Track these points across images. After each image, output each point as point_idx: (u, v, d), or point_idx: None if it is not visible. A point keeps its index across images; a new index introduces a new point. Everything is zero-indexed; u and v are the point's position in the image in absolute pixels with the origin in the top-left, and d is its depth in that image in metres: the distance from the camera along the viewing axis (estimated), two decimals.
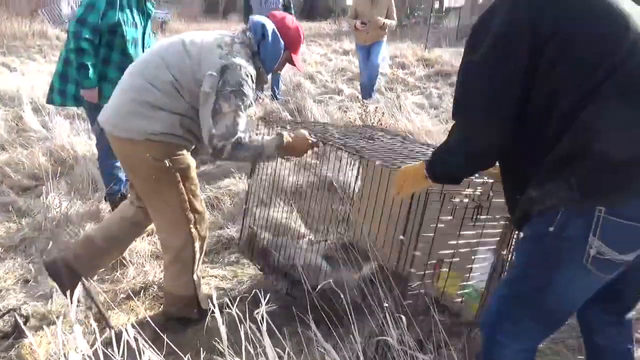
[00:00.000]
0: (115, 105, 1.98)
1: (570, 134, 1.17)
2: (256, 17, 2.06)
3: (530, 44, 1.18)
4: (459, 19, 16.46)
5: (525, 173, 1.30)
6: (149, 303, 2.33)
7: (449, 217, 1.97)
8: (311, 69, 8.70)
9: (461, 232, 2.02)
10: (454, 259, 2.09)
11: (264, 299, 1.33)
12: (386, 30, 5.94)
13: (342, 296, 1.68)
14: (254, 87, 1.97)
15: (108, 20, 2.57)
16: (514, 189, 1.38)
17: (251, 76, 1.92)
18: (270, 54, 2.03)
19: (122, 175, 2.94)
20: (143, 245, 2.70)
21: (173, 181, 1.96)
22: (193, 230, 2.05)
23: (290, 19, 2.10)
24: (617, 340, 1.50)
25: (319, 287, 1.90)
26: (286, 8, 6.01)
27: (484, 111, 1.26)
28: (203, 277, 2.54)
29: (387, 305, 1.65)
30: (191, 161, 2.04)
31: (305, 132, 2.12)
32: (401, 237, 1.84)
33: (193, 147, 2.10)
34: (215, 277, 2.59)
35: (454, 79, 7.04)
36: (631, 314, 1.52)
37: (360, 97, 6.27)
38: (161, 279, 2.39)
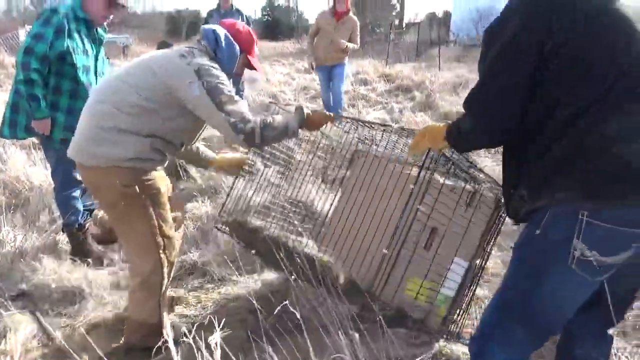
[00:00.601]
0: (80, 134, 1.98)
1: (561, 142, 1.24)
2: (206, 26, 2.12)
3: (538, 53, 1.24)
4: (418, 34, 16.90)
5: (518, 170, 1.38)
6: (110, 335, 2.26)
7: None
8: (274, 89, 8.75)
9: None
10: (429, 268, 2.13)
11: (225, 323, 1.32)
12: (347, 53, 5.83)
13: (299, 316, 1.67)
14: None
15: (57, 48, 2.53)
16: (508, 181, 1.45)
17: (219, 68, 1.98)
18: (227, 57, 2.07)
19: (79, 205, 2.88)
20: (103, 276, 2.64)
21: (143, 207, 1.95)
22: (162, 255, 2.04)
23: (240, 24, 2.17)
24: (592, 353, 1.52)
25: (275, 310, 1.89)
26: None
27: (491, 110, 1.34)
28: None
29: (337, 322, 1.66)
30: (162, 185, 2.04)
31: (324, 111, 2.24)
32: (384, 250, 1.87)
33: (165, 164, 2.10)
34: (179, 304, 2.54)
35: (415, 93, 7.24)
36: (612, 331, 1.55)
37: None
38: (121, 310, 2.33)
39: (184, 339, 1.39)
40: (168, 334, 1.99)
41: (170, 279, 2.18)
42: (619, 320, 1.53)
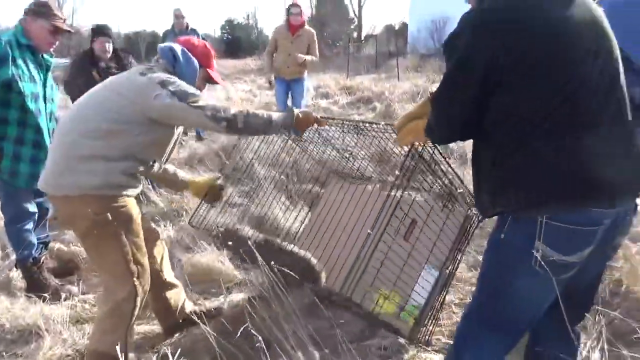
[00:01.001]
0: (49, 166, 1.97)
1: (515, 153, 1.29)
2: (162, 45, 2.13)
3: (490, 68, 1.25)
4: (376, 46, 17.22)
5: (477, 176, 1.45)
6: None
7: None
8: (237, 107, 8.69)
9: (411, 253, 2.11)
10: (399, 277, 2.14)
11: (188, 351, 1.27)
12: (306, 65, 5.77)
13: (259, 338, 1.65)
14: None
15: (1, 77, 2.45)
16: (474, 184, 1.49)
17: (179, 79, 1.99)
18: (186, 72, 2.09)
19: (32, 238, 2.76)
20: (61, 311, 2.53)
21: (115, 234, 1.94)
22: (137, 283, 2.02)
23: (196, 39, 2.20)
24: (561, 352, 1.55)
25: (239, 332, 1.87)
26: None
27: (446, 123, 1.41)
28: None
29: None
30: (135, 212, 2.02)
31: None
32: (369, 231, 1.87)
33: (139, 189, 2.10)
34: (143, 334, 2.46)
35: (375, 103, 7.30)
36: (578, 329, 1.61)
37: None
38: (81, 346, 2.23)
39: None
40: None
41: (141, 309, 2.12)
42: (583, 315, 1.60)
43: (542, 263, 1.27)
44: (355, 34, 28.60)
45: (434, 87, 1.53)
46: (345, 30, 28.86)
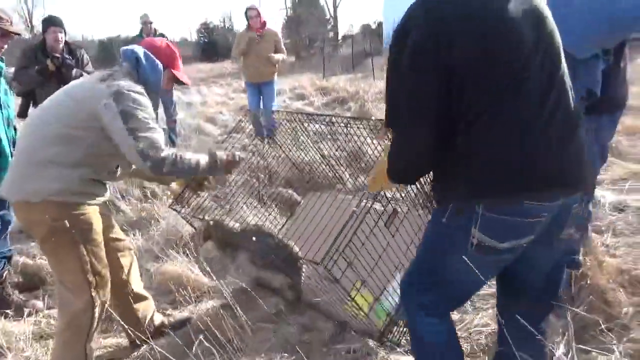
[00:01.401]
0: (11, 172, 1.95)
1: (456, 147, 1.33)
2: (124, 48, 2.09)
3: (442, 60, 1.26)
4: (352, 46, 17.26)
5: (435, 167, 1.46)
6: None
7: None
8: (211, 110, 8.63)
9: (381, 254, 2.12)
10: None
11: None
12: (276, 67, 5.84)
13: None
14: (147, 98, 1.98)
15: None
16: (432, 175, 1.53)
17: (141, 92, 1.94)
18: (150, 74, 2.06)
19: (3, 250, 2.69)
20: (24, 328, 2.46)
21: (72, 242, 1.90)
22: (94, 294, 1.98)
23: (158, 39, 2.17)
24: (528, 350, 1.54)
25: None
26: None
27: (411, 121, 1.35)
28: (96, 349, 2.36)
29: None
30: (95, 221, 1.98)
31: (236, 152, 2.26)
32: (354, 208, 1.93)
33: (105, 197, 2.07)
34: (109, 347, 2.41)
35: (350, 104, 7.34)
36: (544, 327, 1.59)
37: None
38: None
39: None
40: None
41: (100, 320, 2.08)
42: (547, 312, 1.62)
43: (478, 247, 1.37)
44: (331, 34, 28.63)
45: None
46: (322, 30, 28.87)
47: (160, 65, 2.09)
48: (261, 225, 2.49)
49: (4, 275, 2.74)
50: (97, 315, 2.00)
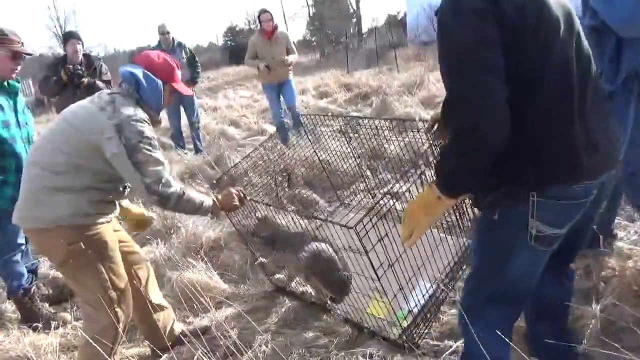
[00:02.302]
0: (21, 199, 1.98)
1: (513, 132, 1.22)
2: (122, 68, 2.09)
3: (498, 22, 1.20)
4: (375, 39, 17.07)
5: None
6: None
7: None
8: (235, 114, 8.71)
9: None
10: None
11: None
12: (290, 67, 5.89)
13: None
14: (151, 127, 2.00)
15: None
16: None
17: (145, 120, 1.95)
18: (152, 95, 2.06)
19: (21, 269, 2.78)
20: (52, 340, 2.54)
21: (90, 262, 1.94)
22: (118, 309, 2.02)
23: (154, 54, 2.14)
24: (557, 291, 1.62)
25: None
26: (191, 63, 6.02)
27: (481, 70, 1.19)
28: (122, 359, 2.42)
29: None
30: (109, 238, 2.02)
31: (231, 189, 2.26)
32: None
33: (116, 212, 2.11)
34: (132, 357, 2.45)
35: (373, 98, 7.23)
36: (570, 269, 1.66)
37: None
38: None
39: None
40: None
41: (125, 334, 2.12)
42: (574, 257, 1.65)
43: (537, 238, 1.32)
44: (356, 29, 28.40)
45: (431, 75, 1.39)
46: (346, 26, 28.69)
47: (160, 84, 2.08)
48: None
49: (32, 290, 2.84)
50: (121, 330, 2.05)
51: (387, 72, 11.07)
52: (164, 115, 5.95)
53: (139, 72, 2.05)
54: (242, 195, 2.28)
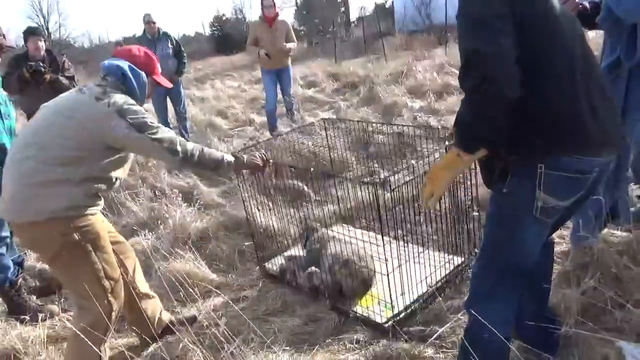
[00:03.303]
0: (9, 194, 1.95)
1: (526, 105, 1.33)
2: (106, 62, 2.12)
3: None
4: (363, 28, 17.00)
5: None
6: None
7: None
8: (223, 104, 8.66)
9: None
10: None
11: None
12: (290, 54, 6.07)
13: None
14: None
15: None
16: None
17: (135, 104, 2.01)
18: (137, 88, 2.11)
19: (6, 261, 2.77)
20: (38, 332, 2.53)
21: (85, 253, 1.96)
22: (111, 298, 2.04)
23: (135, 48, 2.20)
24: (541, 260, 1.65)
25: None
26: (177, 53, 5.96)
27: (498, 28, 1.30)
28: (111, 349, 2.43)
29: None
30: (101, 228, 2.03)
31: (255, 152, 2.42)
32: None
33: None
34: (120, 347, 2.46)
35: (361, 87, 7.27)
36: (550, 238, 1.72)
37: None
38: None
39: None
40: None
41: (116, 323, 2.14)
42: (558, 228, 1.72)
43: (543, 210, 1.40)
44: (344, 18, 28.25)
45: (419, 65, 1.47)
46: (336, 14, 28.52)
47: (145, 76, 2.13)
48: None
49: (19, 282, 2.83)
50: (113, 318, 2.07)
51: (375, 61, 11.06)
52: (150, 107, 5.97)
53: (124, 65, 2.09)
54: (265, 157, 2.38)
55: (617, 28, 2.18)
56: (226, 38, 30.40)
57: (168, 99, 6.12)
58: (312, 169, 2.54)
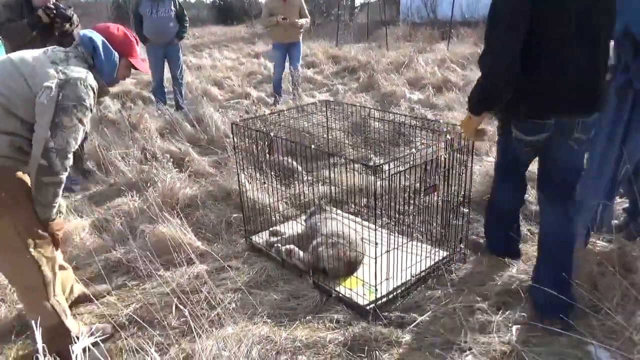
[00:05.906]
0: None
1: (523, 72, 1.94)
2: (83, 31, 2.06)
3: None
4: (367, 14, 16.85)
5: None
6: (26, 344, 2.17)
7: None
8: (220, 75, 8.55)
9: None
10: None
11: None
12: (301, 30, 6.25)
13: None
14: (96, 99, 1.95)
15: None
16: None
17: (92, 88, 1.90)
18: (105, 66, 2.04)
19: None
20: None
21: (4, 207, 1.84)
22: (35, 253, 1.92)
23: (115, 27, 2.12)
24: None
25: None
26: (179, 17, 5.86)
27: (509, 23, 1.91)
28: (82, 303, 2.43)
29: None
30: (26, 187, 1.90)
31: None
32: None
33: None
34: (100, 305, 2.46)
35: (360, 73, 7.28)
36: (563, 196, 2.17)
37: (271, 99, 6.51)
38: None
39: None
40: (79, 335, 1.93)
41: (57, 274, 2.06)
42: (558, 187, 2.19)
43: (516, 139, 2.14)
44: (349, 1, 27.94)
45: (420, 58, 1.62)
46: None
47: (117, 56, 2.07)
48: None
49: None
50: (47, 271, 1.97)
51: (376, 48, 11.00)
52: (138, 78, 5.84)
53: (98, 39, 2.03)
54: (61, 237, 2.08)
55: (634, 48, 2.23)
56: (228, 8, 29.89)
57: (165, 62, 6.03)
58: (312, 146, 2.51)
